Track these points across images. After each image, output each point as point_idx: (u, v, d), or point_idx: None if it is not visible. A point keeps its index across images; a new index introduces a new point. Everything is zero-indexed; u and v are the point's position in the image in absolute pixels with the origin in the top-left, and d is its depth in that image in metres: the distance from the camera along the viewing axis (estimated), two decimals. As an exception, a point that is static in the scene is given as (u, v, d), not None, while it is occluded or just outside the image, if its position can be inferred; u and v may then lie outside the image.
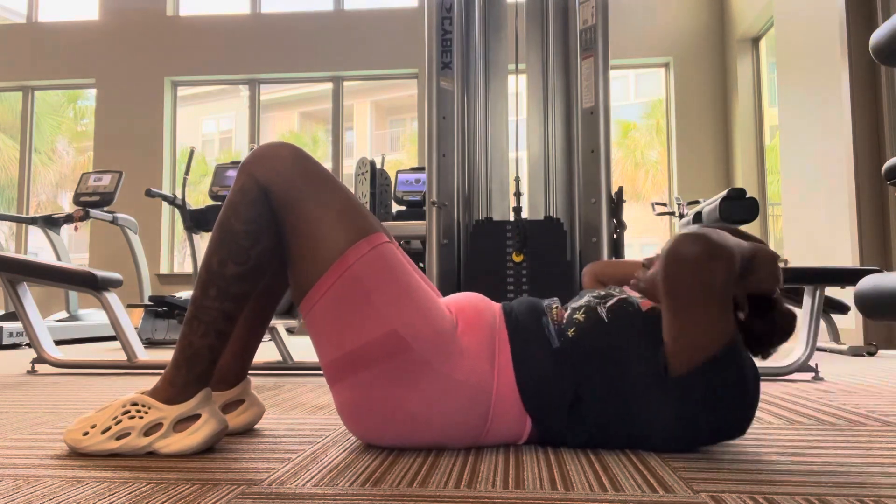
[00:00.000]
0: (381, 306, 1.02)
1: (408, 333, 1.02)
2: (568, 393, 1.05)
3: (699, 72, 6.43)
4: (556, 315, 1.14)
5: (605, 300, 1.11)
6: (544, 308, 1.16)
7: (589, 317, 1.09)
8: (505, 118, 2.62)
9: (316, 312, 1.05)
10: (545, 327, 1.11)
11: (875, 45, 1.36)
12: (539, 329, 1.11)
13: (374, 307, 1.02)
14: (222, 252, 1.06)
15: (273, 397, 1.77)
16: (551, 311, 1.15)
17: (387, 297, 1.03)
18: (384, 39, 6.78)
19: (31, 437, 1.22)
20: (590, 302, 1.12)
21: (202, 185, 7.48)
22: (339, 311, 1.03)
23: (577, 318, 1.10)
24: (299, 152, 1.09)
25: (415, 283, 1.07)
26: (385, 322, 1.02)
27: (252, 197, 1.06)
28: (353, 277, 1.02)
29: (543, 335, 1.10)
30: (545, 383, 1.06)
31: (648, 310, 1.08)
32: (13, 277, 2.49)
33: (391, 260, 1.06)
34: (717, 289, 0.95)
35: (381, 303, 1.02)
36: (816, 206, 4.49)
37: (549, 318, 1.13)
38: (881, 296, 1.33)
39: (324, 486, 0.87)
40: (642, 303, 1.10)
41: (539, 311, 1.15)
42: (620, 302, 1.10)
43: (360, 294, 1.02)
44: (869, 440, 1.18)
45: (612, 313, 1.08)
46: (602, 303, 1.11)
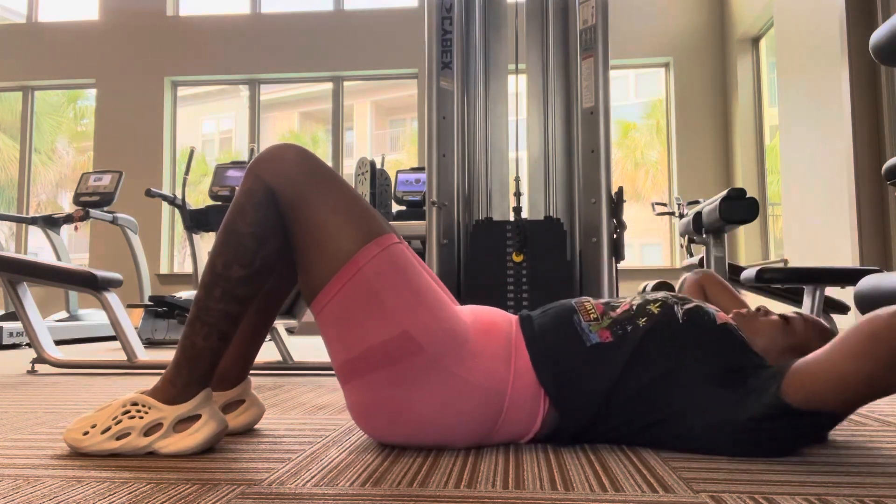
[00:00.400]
0: (392, 308, 1.02)
1: (419, 335, 1.02)
2: (603, 385, 1.05)
3: (699, 72, 6.43)
4: (591, 309, 1.14)
5: (682, 302, 1.12)
6: (573, 306, 1.16)
7: (665, 312, 1.09)
8: (505, 118, 2.62)
9: (327, 314, 1.05)
10: (576, 325, 1.12)
11: (875, 45, 1.36)
12: (570, 327, 1.11)
13: (385, 309, 1.02)
14: (227, 254, 1.06)
15: (273, 397, 1.77)
16: (583, 305, 1.16)
17: (398, 299, 1.03)
18: (384, 39, 6.78)
19: (31, 437, 1.22)
20: (666, 298, 1.13)
21: (202, 185, 7.48)
22: (351, 313, 1.03)
23: (652, 308, 1.10)
24: (306, 154, 1.09)
25: (426, 284, 1.07)
26: (396, 323, 1.02)
27: (259, 199, 1.06)
28: (363, 279, 1.02)
29: (576, 332, 1.10)
30: (578, 377, 1.07)
31: (722, 323, 1.08)
32: (13, 277, 2.49)
33: (402, 261, 1.06)
34: None
35: (393, 304, 1.02)
36: (816, 206, 4.49)
37: (580, 316, 1.13)
38: (881, 296, 1.33)
39: (324, 486, 0.87)
40: (718, 315, 1.10)
41: (568, 311, 1.15)
42: (698, 308, 1.10)
43: (372, 296, 1.02)
44: (869, 440, 1.18)
45: (689, 317, 1.08)
46: (680, 303, 1.11)
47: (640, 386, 1.05)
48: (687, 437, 1.04)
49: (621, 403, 1.06)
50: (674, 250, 6.57)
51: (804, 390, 0.94)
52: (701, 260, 3.40)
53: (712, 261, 2.82)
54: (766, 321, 1.18)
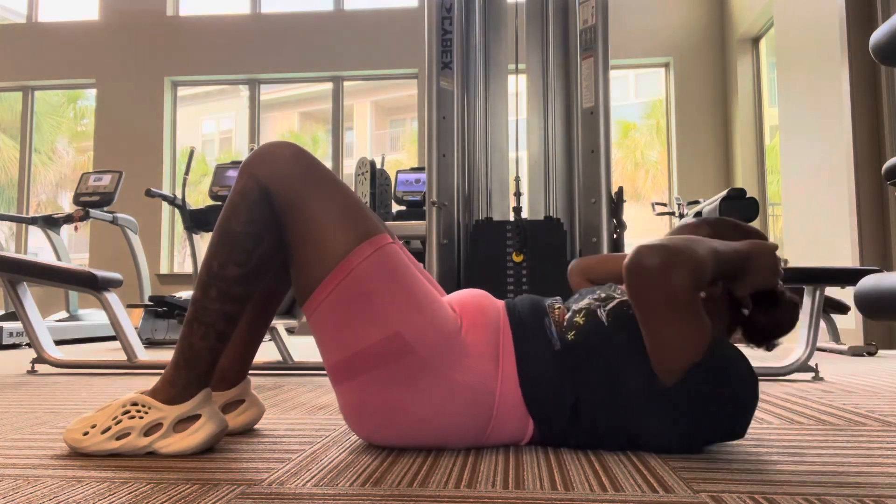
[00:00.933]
0: (384, 309, 1.02)
1: (411, 336, 1.02)
2: (569, 395, 1.05)
3: (699, 72, 6.43)
4: (557, 315, 1.14)
5: (605, 302, 1.11)
6: (546, 308, 1.16)
7: (588, 320, 1.08)
8: (505, 118, 2.62)
9: (319, 314, 1.04)
10: (547, 328, 1.11)
11: (875, 45, 1.36)
12: (541, 330, 1.11)
13: (377, 310, 1.02)
14: (223, 253, 1.06)
15: (273, 397, 1.77)
16: (553, 311, 1.15)
17: (390, 300, 1.03)
18: (384, 39, 6.78)
19: (31, 437, 1.22)
20: (590, 304, 1.12)
21: (202, 185, 7.48)
22: (343, 314, 1.03)
23: (577, 321, 1.09)
24: (301, 152, 1.08)
25: (419, 284, 1.07)
26: (388, 324, 1.02)
27: (253, 198, 1.06)
28: (356, 280, 1.02)
29: (545, 336, 1.10)
30: (548, 385, 1.06)
31: None
32: (13, 277, 2.49)
33: (395, 262, 1.05)
34: (680, 297, 0.95)
35: (385, 305, 1.02)
36: (816, 206, 4.49)
37: (550, 319, 1.13)
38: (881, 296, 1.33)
39: (324, 486, 0.87)
40: None
41: (541, 311, 1.14)
42: (620, 305, 1.09)
43: (364, 296, 1.02)
44: (869, 440, 1.18)
45: (612, 316, 1.07)
46: (602, 305, 1.10)
47: (595, 391, 1.04)
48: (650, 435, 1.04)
49: (589, 409, 1.05)
50: (674, 250, 6.55)
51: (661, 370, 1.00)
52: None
53: (712, 261, 2.81)
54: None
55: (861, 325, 3.89)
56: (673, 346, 0.98)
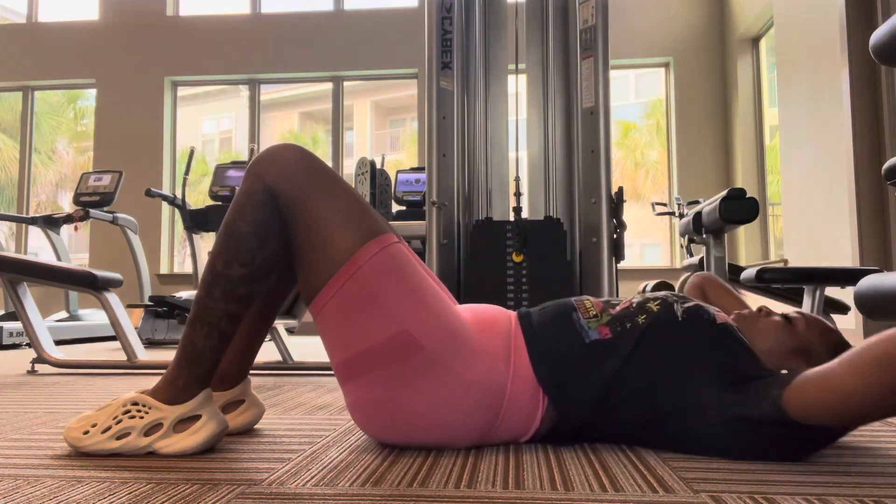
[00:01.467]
0: (391, 307, 1.02)
1: (419, 333, 1.02)
2: (601, 382, 1.06)
3: (699, 72, 6.43)
4: (591, 307, 1.14)
5: (682, 300, 1.12)
6: (573, 304, 1.17)
7: (664, 310, 1.09)
8: (505, 118, 2.62)
9: (326, 313, 1.05)
10: (576, 322, 1.12)
11: (875, 45, 1.36)
12: (569, 324, 1.12)
13: (384, 308, 1.02)
14: (228, 253, 1.06)
15: (273, 397, 1.77)
16: (582, 303, 1.16)
17: (397, 298, 1.03)
18: (384, 39, 6.78)
19: (31, 437, 1.22)
20: (667, 297, 1.13)
21: (202, 185, 7.48)
22: (350, 312, 1.03)
23: (651, 307, 1.10)
24: (306, 154, 1.09)
25: (425, 283, 1.07)
26: (396, 322, 1.02)
27: (259, 199, 1.06)
28: (363, 279, 1.02)
29: (574, 329, 1.11)
30: (576, 375, 1.07)
31: (723, 322, 1.08)
32: (13, 277, 2.49)
33: (401, 260, 1.06)
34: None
35: (392, 303, 1.03)
36: (816, 206, 4.49)
37: (579, 313, 1.13)
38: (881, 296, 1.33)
39: (324, 486, 0.87)
40: (717, 315, 1.10)
41: (568, 308, 1.15)
42: (698, 307, 1.10)
43: (371, 295, 1.02)
44: (869, 440, 1.18)
45: (688, 314, 1.08)
46: (680, 302, 1.11)
47: (638, 384, 1.05)
48: (684, 437, 1.04)
49: (619, 401, 1.06)
50: (674, 250, 6.57)
51: (805, 402, 0.93)
52: (701, 260, 3.40)
53: (712, 261, 2.82)
54: (767, 321, 1.17)
55: (861, 325, 3.89)
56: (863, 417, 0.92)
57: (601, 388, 1.06)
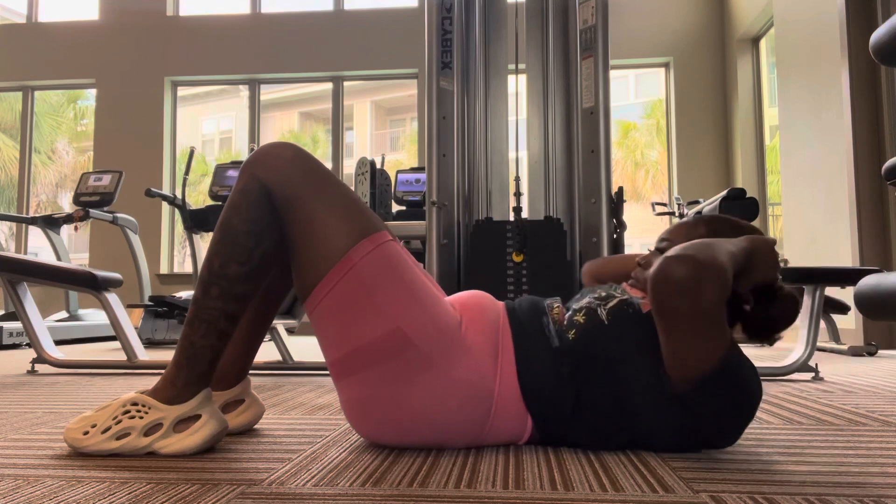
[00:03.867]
0: (385, 304, 1.03)
1: (412, 331, 1.02)
2: (569, 395, 1.05)
3: (699, 72, 6.43)
4: (557, 315, 1.14)
5: (605, 301, 1.10)
6: (545, 307, 1.16)
7: (589, 319, 1.08)
8: (505, 118, 2.62)
9: (320, 311, 1.05)
10: (545, 327, 1.11)
11: (875, 45, 1.36)
12: (540, 329, 1.11)
13: (378, 305, 1.02)
14: (224, 252, 1.06)
15: (273, 397, 1.77)
16: (552, 310, 1.15)
17: (391, 296, 1.03)
18: (384, 39, 6.78)
19: (31, 437, 1.22)
20: (590, 303, 1.12)
21: (202, 185, 7.49)
22: (344, 310, 1.03)
23: (578, 319, 1.09)
24: (301, 152, 1.09)
25: (419, 280, 1.07)
26: (389, 320, 1.02)
27: (254, 197, 1.06)
28: (356, 276, 1.03)
29: (544, 335, 1.10)
30: (547, 384, 1.06)
31: (649, 310, 1.06)
32: (13, 277, 2.49)
33: (394, 258, 1.06)
34: (709, 309, 0.93)
35: (385, 301, 1.03)
36: (816, 206, 4.49)
37: (549, 318, 1.13)
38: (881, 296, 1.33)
39: (324, 486, 0.87)
40: (643, 304, 1.09)
41: (540, 311, 1.15)
42: (621, 304, 1.09)
43: (364, 293, 1.03)
44: (869, 440, 1.18)
45: (613, 315, 1.07)
46: (602, 304, 1.10)
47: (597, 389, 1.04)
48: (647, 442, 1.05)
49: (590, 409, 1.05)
50: (674, 250, 6.56)
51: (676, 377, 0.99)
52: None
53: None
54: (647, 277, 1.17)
55: (861, 325, 3.89)
56: (694, 357, 0.97)
57: (571, 396, 1.05)
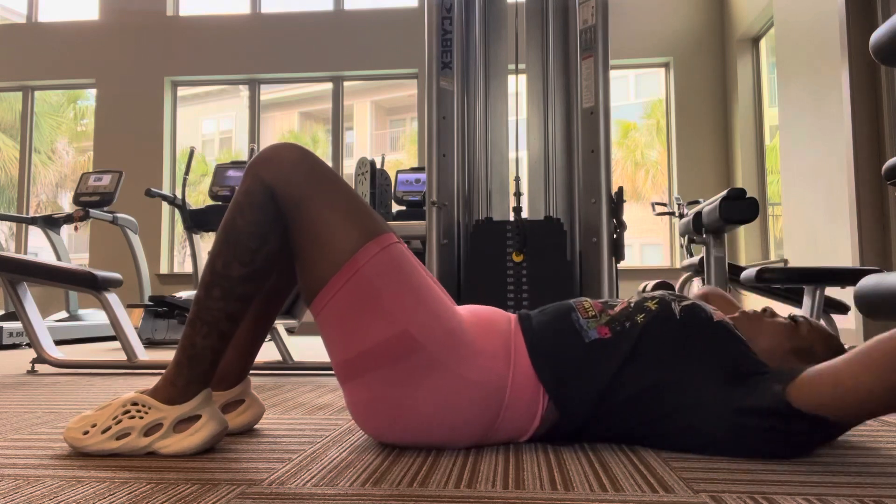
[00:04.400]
0: (392, 307, 1.03)
1: (419, 333, 1.02)
2: (602, 381, 1.06)
3: (699, 72, 6.43)
4: (589, 307, 1.15)
5: (679, 299, 1.12)
6: (572, 305, 1.17)
7: (662, 309, 1.09)
8: (505, 118, 2.62)
9: (327, 313, 1.05)
10: (575, 322, 1.12)
11: (875, 45, 1.36)
12: (569, 324, 1.12)
13: (384, 308, 1.02)
14: (227, 253, 1.06)
15: (273, 397, 1.77)
16: (581, 304, 1.16)
17: (398, 298, 1.03)
18: (384, 39, 6.78)
19: (31, 437, 1.22)
20: (664, 296, 1.14)
21: (202, 185, 7.49)
22: (350, 312, 1.03)
23: (650, 305, 1.11)
24: (306, 153, 1.09)
25: (425, 283, 1.07)
26: (396, 322, 1.02)
27: (258, 198, 1.06)
28: (363, 279, 1.03)
29: (574, 329, 1.11)
30: (578, 374, 1.07)
31: (720, 321, 1.08)
32: (13, 277, 2.49)
33: (401, 260, 1.06)
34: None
35: (392, 303, 1.03)
36: (816, 206, 4.48)
37: (578, 314, 1.14)
38: (881, 296, 1.33)
39: (324, 486, 0.87)
40: (716, 313, 1.10)
41: (566, 309, 1.16)
42: (695, 305, 1.10)
43: (371, 295, 1.03)
44: (869, 440, 1.18)
45: (686, 313, 1.08)
46: (677, 300, 1.12)
47: (639, 382, 1.05)
48: (686, 434, 1.04)
49: (621, 400, 1.06)
50: (674, 250, 6.57)
51: (812, 394, 0.94)
52: (701, 260, 3.40)
53: (712, 261, 2.82)
54: (771, 322, 1.17)
55: (861, 325, 3.89)
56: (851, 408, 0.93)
57: (603, 387, 1.06)
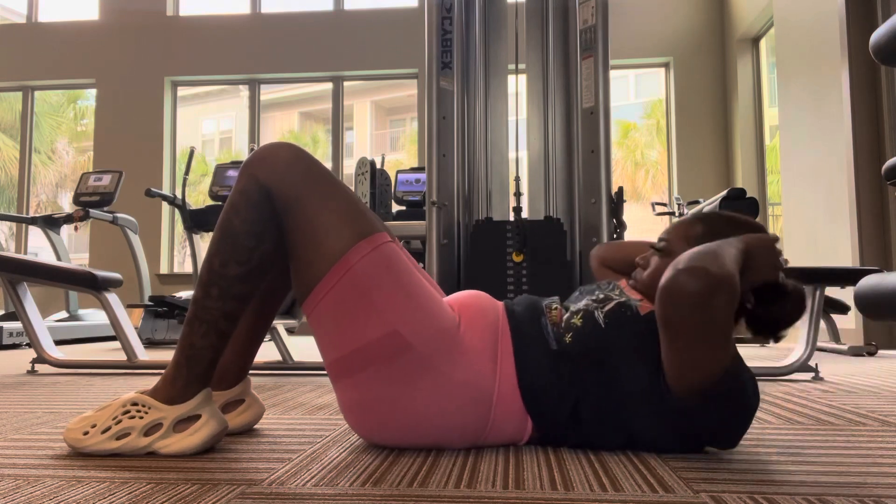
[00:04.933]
0: (383, 306, 1.02)
1: (410, 333, 1.02)
2: (568, 396, 1.05)
3: (699, 72, 6.43)
4: (555, 316, 1.14)
5: (602, 304, 1.10)
6: (543, 308, 1.16)
7: (586, 322, 1.08)
8: (505, 118, 2.62)
9: (319, 312, 1.05)
10: (544, 328, 1.11)
11: (875, 45, 1.36)
12: (539, 330, 1.11)
13: (376, 307, 1.02)
14: (224, 252, 1.06)
15: (273, 397, 1.77)
16: (550, 311, 1.15)
17: (389, 297, 1.03)
18: (384, 39, 6.78)
19: (31, 437, 1.22)
20: (588, 306, 1.11)
21: (202, 185, 7.49)
22: (342, 311, 1.03)
23: (575, 322, 1.09)
24: (301, 153, 1.09)
25: (417, 282, 1.07)
26: (387, 322, 1.02)
27: (254, 197, 1.06)
28: (355, 277, 1.03)
29: (542, 336, 1.10)
30: (546, 386, 1.06)
31: (647, 313, 1.06)
32: (13, 277, 2.49)
33: (393, 260, 1.06)
34: (721, 322, 0.92)
35: (384, 302, 1.03)
36: (816, 206, 4.48)
37: (547, 319, 1.13)
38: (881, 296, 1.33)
39: (324, 486, 0.87)
40: (641, 306, 1.08)
41: (538, 311, 1.15)
42: (618, 306, 1.08)
43: (362, 294, 1.02)
44: (869, 440, 1.18)
45: (609, 318, 1.07)
46: (600, 307, 1.09)
47: (595, 392, 1.04)
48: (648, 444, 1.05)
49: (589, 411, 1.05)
50: (674, 250, 6.56)
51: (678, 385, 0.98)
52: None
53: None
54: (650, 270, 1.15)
55: (861, 325, 3.89)
56: (699, 367, 0.95)
57: (571, 398, 1.05)
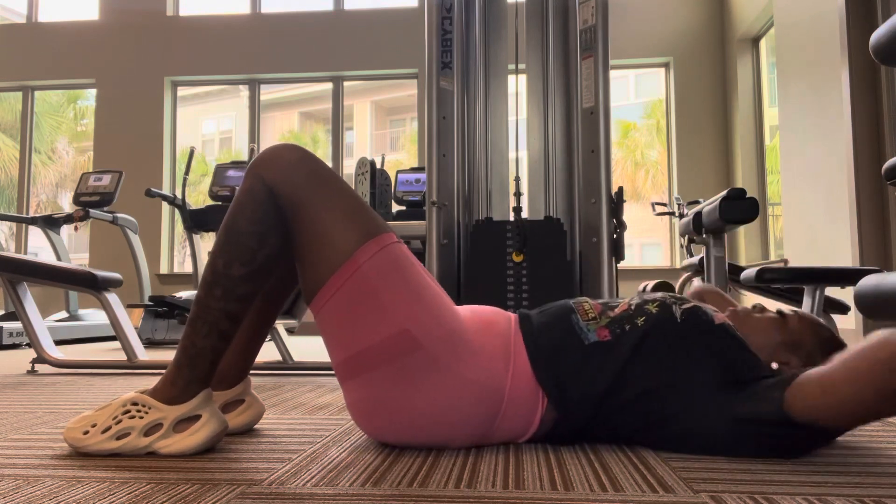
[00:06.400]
0: (391, 306, 1.03)
1: (419, 332, 1.03)
2: (602, 384, 1.06)
3: (699, 72, 6.43)
4: (590, 309, 1.14)
5: (680, 302, 1.12)
6: (572, 306, 1.17)
7: (662, 311, 1.09)
8: (505, 118, 2.62)
9: (326, 312, 1.05)
10: (575, 324, 1.12)
11: (875, 45, 1.36)
12: (568, 326, 1.12)
13: (384, 307, 1.03)
14: (228, 253, 1.06)
15: (273, 397, 1.77)
16: (581, 305, 1.16)
17: (397, 297, 1.03)
18: (384, 39, 6.78)
19: (31, 437, 1.22)
20: (665, 298, 1.13)
21: (202, 185, 7.49)
22: (350, 312, 1.03)
23: (650, 308, 1.10)
24: (306, 154, 1.09)
25: (424, 282, 1.08)
26: (396, 321, 1.02)
27: (259, 198, 1.06)
28: (362, 278, 1.03)
29: (574, 331, 1.11)
30: (575, 376, 1.07)
31: (720, 323, 1.08)
32: (13, 277, 2.49)
33: (400, 260, 1.06)
34: None
35: (392, 302, 1.03)
36: (816, 206, 4.48)
37: (578, 315, 1.13)
38: (881, 296, 1.33)
39: (324, 486, 0.87)
40: (716, 315, 1.10)
41: (567, 309, 1.16)
42: (696, 308, 1.10)
43: (370, 294, 1.03)
44: (869, 440, 1.18)
45: (686, 316, 1.08)
46: (678, 303, 1.11)
47: (639, 386, 1.05)
48: (686, 437, 1.04)
49: (621, 403, 1.06)
50: (674, 250, 6.57)
51: (805, 403, 0.95)
52: (701, 260, 3.40)
53: (712, 261, 2.82)
54: (761, 318, 1.18)
55: (861, 325, 3.89)
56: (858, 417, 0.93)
57: (602, 390, 1.06)
